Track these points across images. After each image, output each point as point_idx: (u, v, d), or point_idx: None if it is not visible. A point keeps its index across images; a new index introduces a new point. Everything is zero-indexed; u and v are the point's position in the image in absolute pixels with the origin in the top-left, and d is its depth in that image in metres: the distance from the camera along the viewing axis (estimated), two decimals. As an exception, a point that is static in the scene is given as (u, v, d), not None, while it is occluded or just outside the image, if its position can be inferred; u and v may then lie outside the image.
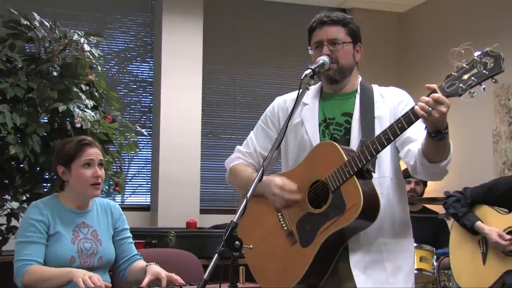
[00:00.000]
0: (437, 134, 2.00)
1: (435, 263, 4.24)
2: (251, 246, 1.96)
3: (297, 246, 2.24)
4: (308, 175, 2.26)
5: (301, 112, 2.39)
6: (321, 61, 2.27)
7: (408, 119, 2.03)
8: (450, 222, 4.04)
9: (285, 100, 2.49)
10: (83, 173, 2.61)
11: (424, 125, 2.04)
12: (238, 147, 2.57)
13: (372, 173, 2.18)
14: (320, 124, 2.36)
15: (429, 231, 4.70)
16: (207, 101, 6.08)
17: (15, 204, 3.60)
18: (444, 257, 4.17)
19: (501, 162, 5.19)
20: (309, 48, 2.42)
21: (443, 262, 4.22)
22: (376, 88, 2.42)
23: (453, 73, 1.94)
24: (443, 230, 4.60)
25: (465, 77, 1.91)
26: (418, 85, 6.32)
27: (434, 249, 4.29)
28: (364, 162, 2.10)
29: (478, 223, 3.63)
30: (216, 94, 6.20)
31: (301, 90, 2.19)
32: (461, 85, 1.92)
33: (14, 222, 3.60)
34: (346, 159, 2.14)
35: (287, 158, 2.43)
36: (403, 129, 2.05)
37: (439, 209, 4.62)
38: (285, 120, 2.16)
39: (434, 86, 1.96)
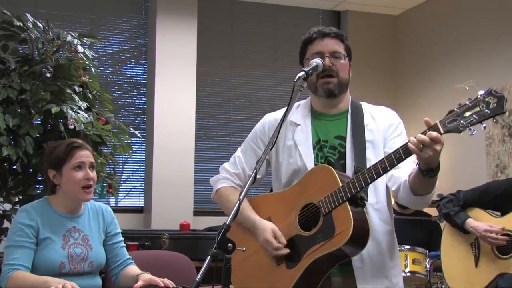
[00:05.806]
0: (428, 172, 2.01)
1: (428, 266, 4.25)
2: (244, 248, 1.96)
3: (283, 267, 2.22)
4: (301, 197, 2.23)
5: (293, 133, 2.35)
6: (315, 64, 2.22)
7: (406, 150, 2.00)
8: (443, 225, 4.05)
9: (276, 118, 2.42)
10: (75, 175, 2.59)
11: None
12: (225, 165, 2.50)
13: (366, 201, 2.16)
14: (314, 147, 2.32)
15: (422, 233, 4.70)
16: (201, 103, 6.08)
17: (7, 206, 3.58)
18: (437, 260, 4.18)
19: (494, 165, 5.20)
20: (305, 59, 2.35)
21: (436, 264, 4.23)
22: (366, 108, 2.39)
23: (455, 109, 1.96)
24: (436, 233, 4.60)
25: (467, 114, 1.94)
26: (410, 87, 6.38)
27: (427, 251, 4.29)
28: (358, 189, 2.09)
29: (469, 220, 3.63)
30: (210, 95, 6.20)
31: (293, 93, 2.14)
32: (462, 121, 1.93)
33: (6, 224, 3.58)
34: (340, 184, 2.12)
35: (279, 179, 2.38)
36: (400, 160, 2.03)
37: (432, 211, 4.63)
38: (274, 132, 2.10)
39: (435, 122, 1.96)
